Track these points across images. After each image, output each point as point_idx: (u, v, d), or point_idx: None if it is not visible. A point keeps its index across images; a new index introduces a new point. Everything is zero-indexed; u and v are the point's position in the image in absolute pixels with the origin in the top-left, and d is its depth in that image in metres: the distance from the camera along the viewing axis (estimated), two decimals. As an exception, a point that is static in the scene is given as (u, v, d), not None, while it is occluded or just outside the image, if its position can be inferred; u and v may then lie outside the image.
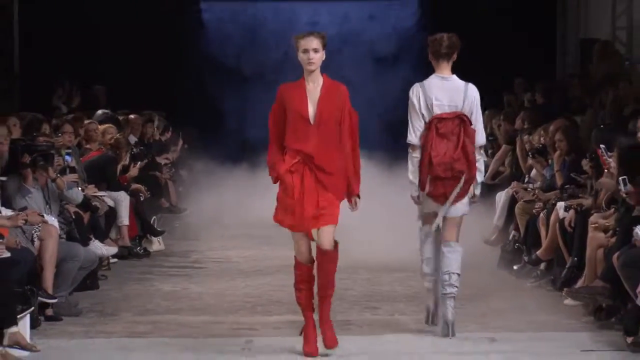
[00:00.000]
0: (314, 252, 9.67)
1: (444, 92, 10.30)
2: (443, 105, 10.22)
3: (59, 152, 13.62)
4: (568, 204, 12.43)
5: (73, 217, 12.94)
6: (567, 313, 11.40)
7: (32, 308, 10.61)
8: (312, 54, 9.48)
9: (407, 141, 10.39)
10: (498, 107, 19.05)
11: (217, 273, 14.41)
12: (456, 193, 10.21)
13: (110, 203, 14.90)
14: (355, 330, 10.52)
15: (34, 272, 11.05)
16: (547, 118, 14.92)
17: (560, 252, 12.56)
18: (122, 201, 15.28)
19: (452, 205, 10.31)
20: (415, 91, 10.37)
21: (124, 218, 15.28)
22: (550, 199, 13.33)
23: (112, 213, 14.98)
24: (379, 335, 10.49)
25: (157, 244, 16.30)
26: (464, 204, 10.41)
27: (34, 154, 12.11)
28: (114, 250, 14.43)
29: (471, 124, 10.31)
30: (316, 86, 9.59)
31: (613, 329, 10.55)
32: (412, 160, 10.36)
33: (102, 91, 21.31)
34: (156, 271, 14.53)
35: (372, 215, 9.52)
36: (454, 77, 10.52)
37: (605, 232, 11.23)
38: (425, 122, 10.26)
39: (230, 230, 17.76)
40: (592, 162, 12.40)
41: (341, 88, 9.67)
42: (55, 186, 12.47)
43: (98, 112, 18.08)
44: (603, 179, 11.24)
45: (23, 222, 11.16)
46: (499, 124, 17.89)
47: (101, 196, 14.61)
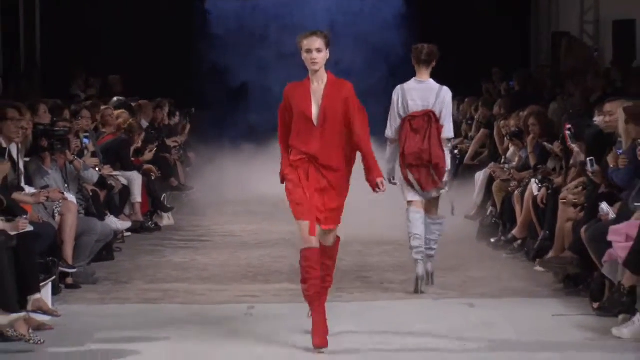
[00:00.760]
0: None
1: (419, 93, 11.03)
2: (417, 104, 10.99)
3: (78, 136, 13.67)
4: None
5: (91, 195, 12.96)
6: (539, 281, 11.42)
7: (54, 277, 10.64)
8: (316, 54, 8.73)
9: (385, 135, 11.20)
10: (477, 95, 19.03)
11: (222, 245, 14.43)
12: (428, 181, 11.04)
13: (124, 182, 14.90)
14: (347, 297, 10.53)
15: (55, 245, 11.07)
16: (522, 105, 14.92)
17: (533, 227, 12.59)
18: (135, 180, 15.28)
19: (428, 190, 11.05)
20: (397, 92, 11.15)
21: (137, 195, 15.28)
22: (524, 178, 13.36)
23: (126, 191, 14.98)
24: (370, 301, 10.51)
25: (167, 219, 16.33)
26: (438, 188, 11.12)
27: (52, 139, 12.15)
28: (128, 224, 14.45)
29: (439, 121, 10.97)
30: (320, 85, 8.83)
31: (581, 296, 10.58)
32: (388, 150, 11.21)
33: (117, 80, 21.27)
34: (166, 244, 14.55)
35: (364, 195, 9.38)
36: (430, 81, 11.15)
37: (574, 208, 11.25)
38: (401, 119, 11.02)
39: (233, 207, 17.77)
40: (562, 145, 12.44)
41: (346, 85, 8.88)
42: (72, 167, 12.50)
43: (113, 99, 18.06)
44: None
45: (45, 199, 11.19)
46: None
47: (116, 175, 14.62)
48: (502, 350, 8.73)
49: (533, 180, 12.75)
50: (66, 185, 12.22)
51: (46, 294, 10.20)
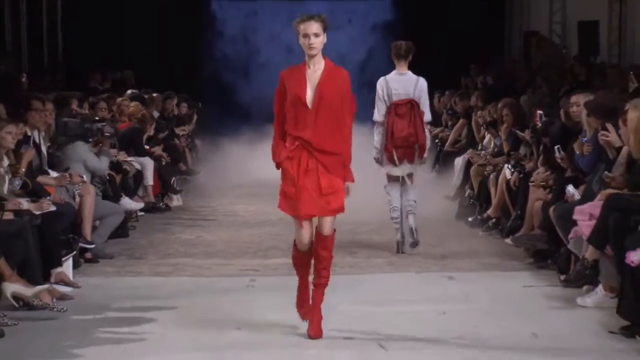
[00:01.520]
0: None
1: (401, 84, 11.56)
2: (400, 93, 11.52)
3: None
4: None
5: (107, 178, 12.98)
6: (512, 256, 11.43)
7: (74, 252, 10.67)
8: (313, 39, 7.80)
9: (374, 119, 11.75)
10: (456, 88, 19.03)
11: (226, 224, 14.43)
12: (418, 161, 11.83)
13: (137, 166, 14.88)
14: (338, 270, 10.51)
15: (75, 223, 11.09)
16: (496, 97, 14.94)
17: (506, 207, 12.61)
18: (148, 165, 15.27)
19: (412, 165, 11.79)
20: (380, 83, 11.66)
21: (149, 179, 15.27)
22: (498, 163, 13.38)
23: (139, 175, 14.97)
24: (358, 275, 10.54)
25: (176, 201, 16.32)
26: (416, 164, 11.83)
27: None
28: (141, 205, 14.46)
29: (420, 107, 11.58)
30: (316, 70, 7.88)
31: (549, 269, 10.62)
32: (377, 132, 11.73)
33: (131, 74, 21.25)
34: (175, 222, 14.54)
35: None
36: (409, 73, 11.69)
37: (543, 190, 11.27)
38: (386, 106, 11.55)
39: (236, 189, 17.76)
40: (533, 133, 12.48)
41: (343, 73, 7.96)
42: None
43: (127, 92, 18.04)
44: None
45: (67, 182, 11.22)
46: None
47: (130, 161, 14.62)
48: (478, 317, 8.76)
49: (506, 165, 12.77)
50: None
51: (67, 268, 10.25)
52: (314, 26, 7.82)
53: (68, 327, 8.56)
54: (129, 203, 13.66)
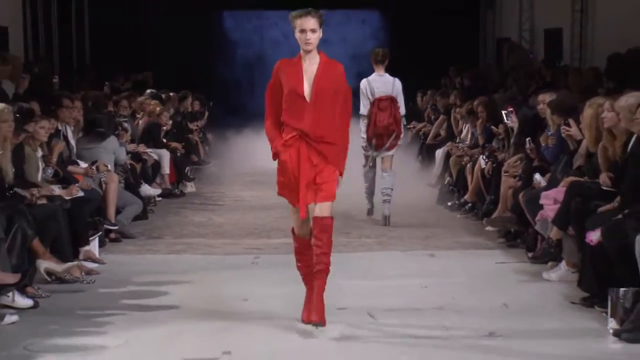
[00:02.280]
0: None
1: (381, 84, 12.30)
2: (381, 91, 12.32)
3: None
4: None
5: (129, 167, 13.00)
6: (486, 236, 11.42)
7: (100, 232, 10.67)
8: (310, 34, 7.15)
9: (360, 113, 12.19)
10: (437, 88, 19.02)
11: (234, 208, 14.42)
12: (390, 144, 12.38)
13: (155, 157, 14.88)
14: (333, 249, 10.53)
15: (101, 207, 11.11)
16: (472, 96, 14.94)
17: (481, 193, 12.62)
18: (164, 156, 15.26)
19: (387, 150, 12.39)
20: (364, 83, 12.39)
21: (166, 168, 15.26)
22: (474, 154, 13.36)
23: (157, 164, 14.96)
24: (350, 253, 10.54)
25: (190, 187, 16.31)
26: (393, 149, 12.45)
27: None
28: (159, 191, 14.46)
29: (397, 103, 12.34)
30: (312, 64, 7.24)
31: (518, 247, 10.63)
32: (363, 124, 12.32)
33: (150, 76, 21.19)
34: (189, 207, 14.53)
35: (348, 165, 9.28)
36: (386, 75, 12.43)
37: (513, 178, 11.28)
38: (370, 101, 12.25)
39: (243, 177, 17.76)
40: (505, 127, 12.49)
41: (338, 67, 7.31)
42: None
43: (147, 91, 18.01)
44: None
45: (93, 173, 11.24)
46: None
47: (149, 152, 14.64)
48: (456, 290, 8.78)
49: (481, 156, 12.75)
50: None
51: (94, 246, 10.26)
52: (311, 22, 7.18)
53: (95, 299, 8.59)
54: (148, 189, 13.71)
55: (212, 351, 6.85)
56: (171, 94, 18.69)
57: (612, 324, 7.34)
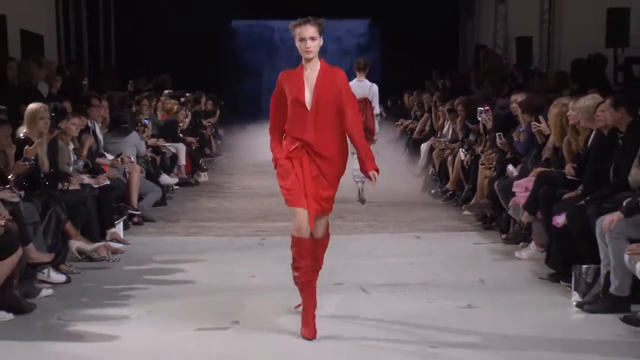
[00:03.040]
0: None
1: (359, 88, 11.87)
2: (358, 94, 11.58)
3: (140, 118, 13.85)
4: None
5: (150, 159, 13.01)
6: (465, 220, 11.45)
7: (124, 217, 10.68)
8: (309, 42, 6.41)
9: None
10: (422, 89, 19.01)
11: (243, 195, 14.42)
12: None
13: (173, 150, 14.89)
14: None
15: (125, 195, 11.12)
16: (453, 96, 14.93)
17: (460, 182, 12.63)
18: (181, 149, 15.26)
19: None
20: None
21: (182, 160, 15.26)
22: (455, 148, 13.37)
23: (174, 157, 14.97)
24: (345, 235, 10.51)
25: (203, 177, 16.30)
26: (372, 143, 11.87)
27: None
28: (176, 180, 14.46)
29: (371, 104, 12.38)
30: (313, 72, 6.50)
31: (493, 230, 10.64)
32: None
33: (168, 78, 21.17)
34: (203, 194, 14.52)
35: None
36: (366, 80, 12.57)
37: (489, 169, 11.29)
38: None
39: (250, 168, 17.75)
40: (481, 124, 12.50)
41: (339, 73, 6.56)
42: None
43: (165, 92, 18.01)
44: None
45: (118, 164, 11.24)
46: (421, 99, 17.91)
47: (167, 146, 14.66)
48: (438, 267, 8.80)
49: (461, 149, 12.76)
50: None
51: (119, 229, 10.27)
52: (310, 30, 6.43)
53: (120, 275, 8.60)
54: (167, 179, 13.70)
55: (223, 322, 6.85)
56: (187, 95, 18.70)
57: (576, 297, 7.36)
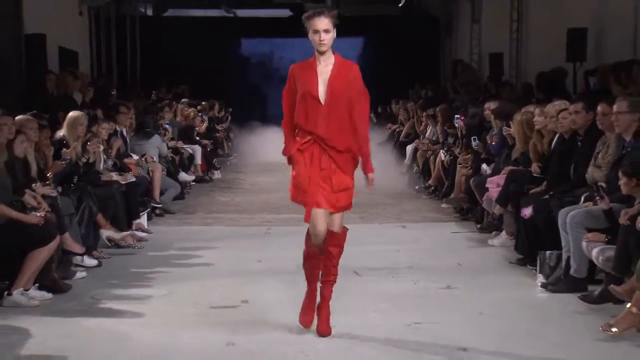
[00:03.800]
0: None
1: None
2: None
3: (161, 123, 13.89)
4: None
5: (170, 159, 13.02)
6: (445, 212, 11.46)
7: (148, 209, 10.69)
8: (323, 35, 5.47)
9: None
10: (406, 98, 19.01)
11: (251, 190, 14.43)
12: None
13: (190, 151, 14.89)
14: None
15: (148, 190, 11.12)
16: (434, 104, 14.93)
17: (441, 179, 12.63)
18: (197, 150, 15.26)
19: None
20: None
21: (198, 159, 15.26)
22: (436, 149, 13.36)
23: (191, 157, 14.98)
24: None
25: (217, 175, 16.28)
26: None
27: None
28: (193, 177, 14.48)
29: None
30: (327, 65, 5.55)
31: (469, 220, 10.64)
32: None
33: (186, 88, 21.17)
34: (216, 189, 14.53)
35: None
36: None
37: (466, 167, 11.30)
38: None
39: (258, 167, 17.73)
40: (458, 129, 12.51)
41: (353, 67, 5.62)
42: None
43: (183, 100, 18.02)
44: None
45: (143, 164, 11.24)
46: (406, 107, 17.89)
47: (185, 147, 14.68)
48: (422, 253, 8.82)
49: (441, 150, 12.75)
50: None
51: (143, 220, 10.27)
52: (324, 22, 5.49)
53: (144, 260, 8.61)
54: (184, 176, 13.73)
55: (234, 300, 6.87)
56: (203, 103, 18.72)
57: (540, 279, 7.38)
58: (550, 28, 14.77)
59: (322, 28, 5.50)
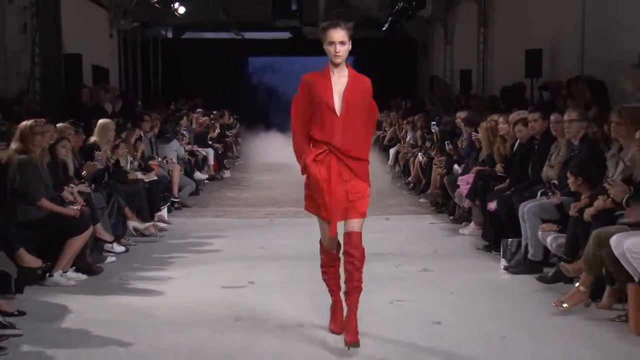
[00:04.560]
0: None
1: None
2: None
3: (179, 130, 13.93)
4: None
5: (187, 160, 13.02)
6: (422, 206, 11.45)
7: (168, 203, 10.67)
8: (339, 47, 4.73)
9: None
10: (389, 108, 19.02)
11: (255, 187, 14.38)
12: None
13: (204, 153, 14.90)
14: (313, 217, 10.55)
15: (168, 187, 11.11)
16: (412, 113, 14.95)
17: (419, 177, 12.65)
18: (210, 153, 15.26)
19: None
20: None
21: (211, 160, 15.23)
22: (415, 152, 13.39)
23: (205, 158, 14.98)
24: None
25: (227, 174, 16.25)
26: None
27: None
28: (206, 176, 14.47)
29: None
30: (341, 77, 4.81)
31: (443, 213, 10.62)
32: None
33: (201, 100, 21.17)
34: (226, 186, 14.49)
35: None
36: None
37: (440, 167, 11.31)
38: None
39: (262, 167, 17.69)
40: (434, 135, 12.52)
41: (366, 80, 4.90)
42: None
43: (198, 110, 18.01)
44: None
45: (164, 165, 11.24)
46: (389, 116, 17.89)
47: (200, 150, 14.67)
48: (403, 241, 8.82)
49: (419, 153, 12.80)
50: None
51: (164, 212, 10.26)
52: (340, 34, 4.76)
53: (165, 247, 8.60)
54: (199, 175, 13.74)
55: (241, 281, 6.85)
56: (215, 112, 18.72)
57: (503, 263, 7.39)
58: (511, 49, 14.81)
59: (338, 40, 4.77)
